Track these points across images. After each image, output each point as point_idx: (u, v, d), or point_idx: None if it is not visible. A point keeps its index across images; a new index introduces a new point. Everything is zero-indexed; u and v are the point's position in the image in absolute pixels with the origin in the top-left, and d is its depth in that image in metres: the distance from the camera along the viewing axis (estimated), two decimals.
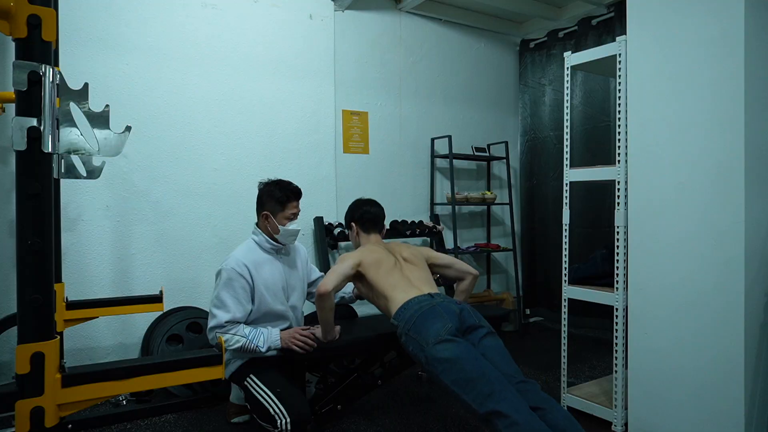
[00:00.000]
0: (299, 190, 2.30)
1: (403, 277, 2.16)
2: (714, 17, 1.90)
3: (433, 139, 3.90)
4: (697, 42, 1.95)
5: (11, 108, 2.36)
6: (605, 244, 2.59)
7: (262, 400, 2.02)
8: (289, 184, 2.29)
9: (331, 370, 2.56)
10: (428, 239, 3.84)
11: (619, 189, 2.22)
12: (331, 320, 2.09)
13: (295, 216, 2.27)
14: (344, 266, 2.12)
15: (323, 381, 2.43)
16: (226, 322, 2.08)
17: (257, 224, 2.31)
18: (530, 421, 1.63)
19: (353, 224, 2.42)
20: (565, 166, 2.49)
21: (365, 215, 2.40)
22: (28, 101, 1.27)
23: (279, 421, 1.94)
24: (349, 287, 2.52)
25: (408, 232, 3.53)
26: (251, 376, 2.10)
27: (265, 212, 2.24)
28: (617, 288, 2.23)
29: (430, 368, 1.84)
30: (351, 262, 2.14)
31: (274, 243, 2.27)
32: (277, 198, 2.23)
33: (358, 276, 2.18)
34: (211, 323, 2.11)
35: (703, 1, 1.93)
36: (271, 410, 1.97)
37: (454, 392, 1.76)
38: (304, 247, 2.53)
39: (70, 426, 2.20)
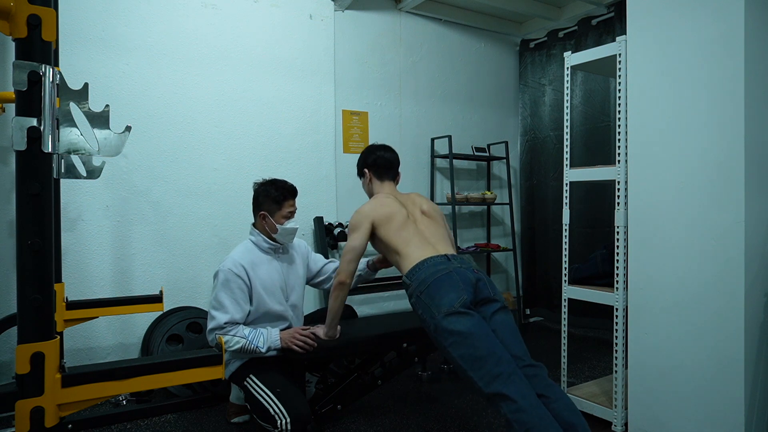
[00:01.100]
0: (295, 188, 2.30)
1: (417, 232, 2.05)
2: (714, 17, 1.89)
3: (433, 139, 3.90)
4: (698, 42, 1.95)
5: (11, 108, 2.36)
6: (605, 244, 2.59)
7: (262, 400, 2.02)
8: (284, 182, 2.28)
9: (331, 370, 2.57)
10: None
11: (619, 189, 2.22)
12: (340, 312, 2.08)
13: (292, 214, 2.27)
14: (357, 243, 2.04)
15: (323, 381, 2.44)
16: (225, 323, 2.08)
17: (254, 224, 2.31)
18: (536, 408, 1.60)
19: (366, 170, 2.30)
20: (565, 166, 2.49)
21: (379, 160, 2.27)
22: (28, 101, 1.27)
23: (279, 421, 1.94)
24: (362, 262, 2.48)
25: None
26: (251, 376, 2.10)
27: (263, 212, 2.24)
28: (617, 288, 2.23)
29: (438, 337, 1.79)
30: (362, 232, 2.05)
31: (272, 242, 2.27)
32: (273, 197, 2.23)
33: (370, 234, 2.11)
34: (210, 325, 2.11)
35: (703, 1, 1.93)
36: (271, 410, 1.97)
37: (461, 366, 1.72)
38: (304, 242, 2.52)
39: (70, 426, 2.20)
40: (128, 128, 1.75)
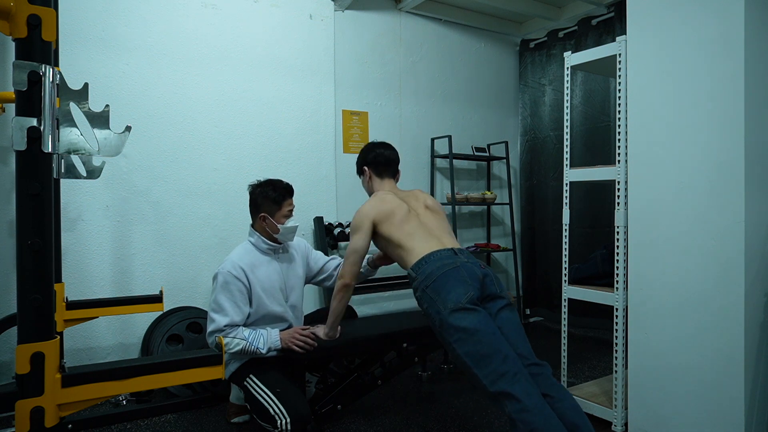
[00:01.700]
0: (291, 186, 2.30)
1: (420, 225, 2.02)
2: (714, 17, 1.90)
3: (433, 139, 3.90)
4: (697, 42, 1.95)
5: (11, 108, 2.36)
6: (605, 244, 2.59)
7: (262, 400, 2.02)
8: (280, 182, 2.29)
9: (331, 370, 2.57)
10: None
11: (619, 189, 2.22)
12: (343, 313, 2.07)
13: (291, 213, 2.27)
14: (359, 244, 2.02)
15: (323, 381, 2.44)
16: (225, 326, 2.08)
17: (253, 226, 2.30)
18: (541, 409, 1.59)
19: (366, 168, 2.26)
20: (565, 166, 2.49)
21: (378, 158, 2.23)
22: (28, 101, 1.28)
23: (279, 422, 1.94)
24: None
25: None
26: (251, 376, 2.10)
27: (263, 214, 2.24)
28: (617, 288, 2.23)
29: (443, 333, 1.77)
30: (364, 233, 2.02)
31: (271, 243, 2.27)
32: (272, 198, 2.23)
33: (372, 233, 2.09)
34: (209, 328, 2.10)
35: (703, 1, 1.93)
36: (271, 410, 1.97)
37: (466, 363, 1.70)
38: (304, 240, 2.52)
39: (70, 426, 2.20)
40: (128, 128, 1.75)
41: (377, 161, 2.24)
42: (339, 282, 2.04)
